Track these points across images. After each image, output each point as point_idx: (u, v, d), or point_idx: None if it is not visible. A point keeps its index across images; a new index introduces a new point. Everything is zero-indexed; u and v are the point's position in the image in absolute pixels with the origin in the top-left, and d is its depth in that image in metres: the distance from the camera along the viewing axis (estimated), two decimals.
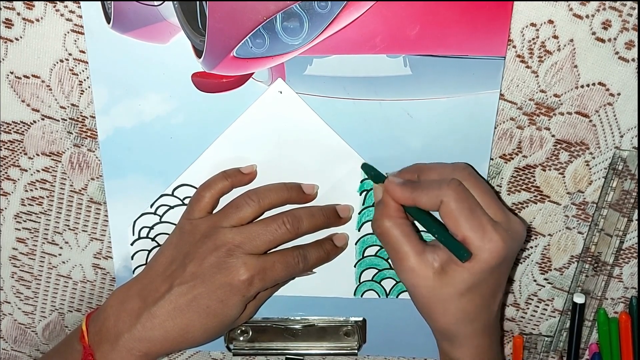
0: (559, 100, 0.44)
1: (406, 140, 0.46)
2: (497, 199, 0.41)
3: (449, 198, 0.39)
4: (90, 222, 0.50)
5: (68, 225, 0.51)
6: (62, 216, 0.50)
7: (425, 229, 0.41)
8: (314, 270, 0.48)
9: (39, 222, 0.51)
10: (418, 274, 0.40)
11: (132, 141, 0.46)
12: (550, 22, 0.42)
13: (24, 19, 0.43)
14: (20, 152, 0.48)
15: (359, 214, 0.48)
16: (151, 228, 0.49)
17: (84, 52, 0.44)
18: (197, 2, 0.41)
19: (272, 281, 0.44)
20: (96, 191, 0.49)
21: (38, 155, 0.48)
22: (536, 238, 0.50)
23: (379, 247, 0.50)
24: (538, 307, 0.53)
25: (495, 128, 0.45)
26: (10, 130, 0.47)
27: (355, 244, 0.49)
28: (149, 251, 0.50)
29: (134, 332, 0.43)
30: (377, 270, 0.50)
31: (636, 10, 0.41)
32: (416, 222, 0.44)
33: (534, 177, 0.47)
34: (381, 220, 0.42)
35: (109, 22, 0.42)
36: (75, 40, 0.44)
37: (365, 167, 0.46)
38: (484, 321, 0.42)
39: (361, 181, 0.47)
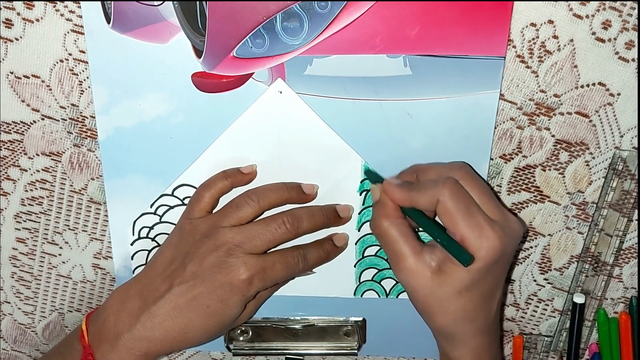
0: (559, 100, 0.44)
1: (406, 140, 0.46)
2: (494, 197, 0.41)
3: (445, 197, 0.39)
4: (90, 222, 0.50)
5: (68, 225, 0.51)
6: (62, 216, 0.50)
7: (425, 232, 0.41)
8: (314, 270, 0.48)
9: (39, 222, 0.51)
10: (415, 273, 0.40)
11: (132, 141, 0.46)
12: (550, 22, 0.42)
13: (24, 19, 0.43)
14: (20, 152, 0.48)
15: (359, 214, 0.48)
16: (151, 228, 0.49)
17: (84, 52, 0.44)
18: (197, 2, 0.41)
19: (272, 281, 0.44)
20: (96, 191, 0.49)
21: (38, 155, 0.48)
22: (536, 238, 0.50)
23: (378, 247, 0.49)
24: (538, 307, 0.53)
25: (495, 128, 0.45)
26: (10, 130, 0.47)
27: (355, 244, 0.49)
28: (149, 251, 0.50)
29: (133, 332, 0.43)
30: (377, 270, 0.50)
31: (636, 10, 0.41)
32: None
33: (534, 177, 0.47)
34: (379, 220, 0.42)
35: (109, 22, 0.42)
36: (75, 40, 0.44)
37: (367, 171, 0.46)
38: (483, 320, 0.42)
39: (361, 181, 0.47)
